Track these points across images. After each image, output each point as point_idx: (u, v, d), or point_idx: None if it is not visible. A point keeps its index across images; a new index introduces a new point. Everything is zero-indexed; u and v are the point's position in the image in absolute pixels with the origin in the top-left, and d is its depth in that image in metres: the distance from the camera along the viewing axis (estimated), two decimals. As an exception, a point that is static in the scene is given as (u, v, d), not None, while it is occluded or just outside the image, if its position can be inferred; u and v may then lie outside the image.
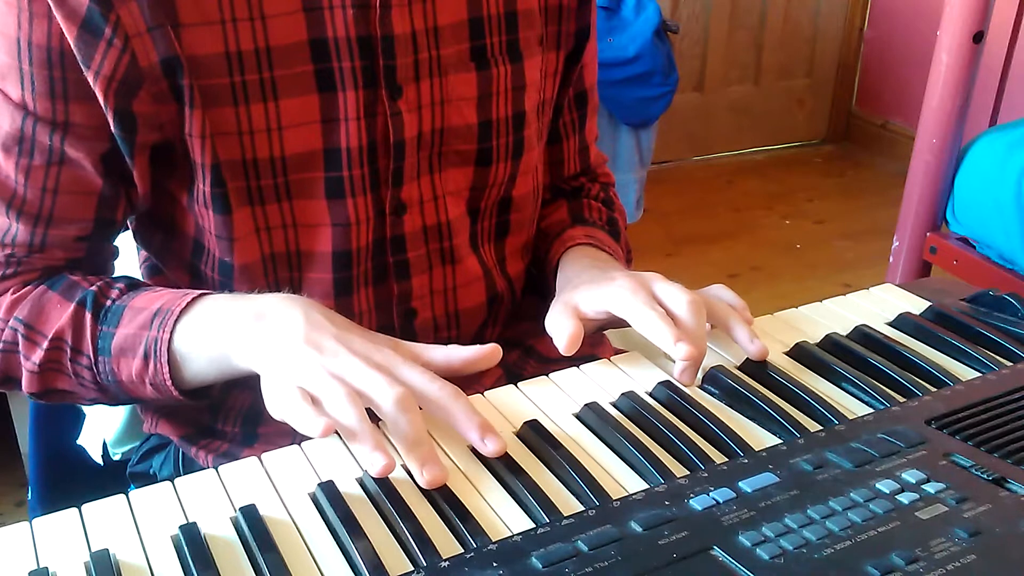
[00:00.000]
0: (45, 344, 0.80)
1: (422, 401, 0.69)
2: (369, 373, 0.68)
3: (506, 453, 0.67)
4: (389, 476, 0.65)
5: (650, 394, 0.76)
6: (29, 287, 0.81)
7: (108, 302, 0.80)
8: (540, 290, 1.09)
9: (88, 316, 0.79)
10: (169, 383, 0.77)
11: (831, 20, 3.65)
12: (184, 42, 0.76)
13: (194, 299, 0.77)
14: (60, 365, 0.80)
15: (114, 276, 0.84)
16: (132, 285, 0.82)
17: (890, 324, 0.86)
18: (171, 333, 0.76)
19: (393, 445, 0.68)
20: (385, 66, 0.81)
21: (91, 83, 0.75)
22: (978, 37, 1.78)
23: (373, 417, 0.67)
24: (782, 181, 3.48)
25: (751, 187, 3.44)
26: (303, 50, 0.79)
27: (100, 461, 1.06)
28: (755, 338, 0.79)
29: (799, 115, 3.76)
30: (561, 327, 0.80)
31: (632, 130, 2.60)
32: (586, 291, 0.83)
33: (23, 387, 0.83)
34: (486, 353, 0.74)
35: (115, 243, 0.88)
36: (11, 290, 0.81)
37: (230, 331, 0.74)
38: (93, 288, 0.80)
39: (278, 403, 0.68)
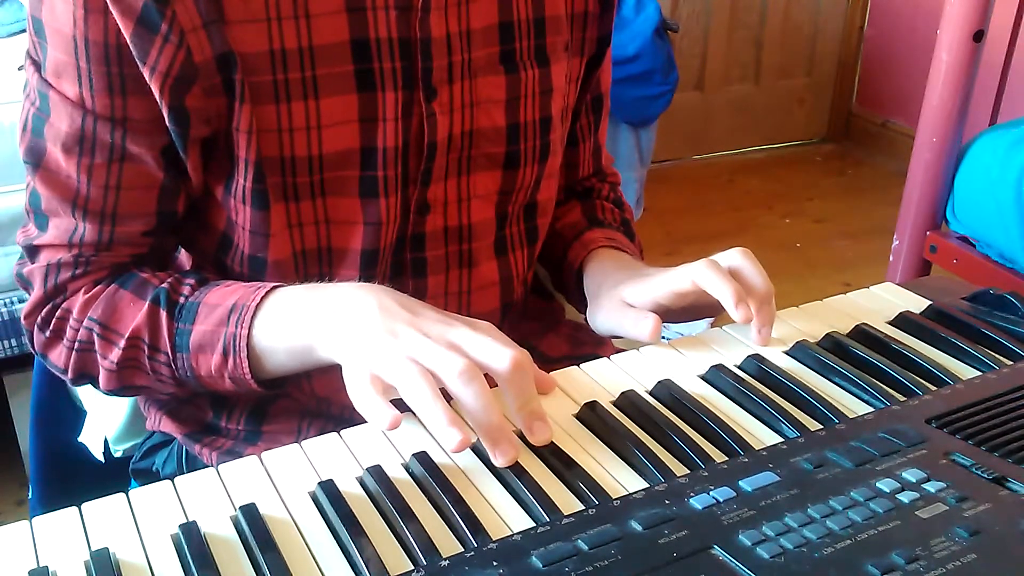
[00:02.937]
0: (122, 343, 0.81)
1: (490, 372, 0.69)
2: (437, 349, 0.68)
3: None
4: (389, 475, 0.65)
5: (650, 393, 0.76)
6: (100, 286, 0.83)
7: (181, 299, 0.81)
8: (542, 289, 1.09)
9: (163, 314, 0.80)
10: (248, 377, 0.78)
11: (831, 19, 3.65)
12: (233, 38, 0.76)
13: (268, 292, 0.78)
14: (138, 363, 0.82)
15: (183, 272, 0.85)
16: (202, 280, 0.83)
17: (890, 323, 0.86)
18: (249, 328, 0.77)
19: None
20: (423, 68, 0.82)
21: (147, 78, 0.75)
22: (978, 36, 1.78)
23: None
24: (782, 180, 3.48)
25: (751, 186, 3.43)
26: (345, 50, 0.79)
27: (102, 459, 1.06)
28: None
29: (799, 114, 3.76)
30: (637, 319, 0.83)
31: (632, 129, 2.60)
32: (632, 287, 0.86)
33: (100, 384, 0.84)
34: (546, 383, 0.76)
35: (175, 237, 0.89)
36: (83, 290, 0.83)
37: (311, 324, 0.75)
38: (164, 285, 0.82)
39: (354, 393, 0.69)
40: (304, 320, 0.76)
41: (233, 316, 0.78)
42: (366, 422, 0.69)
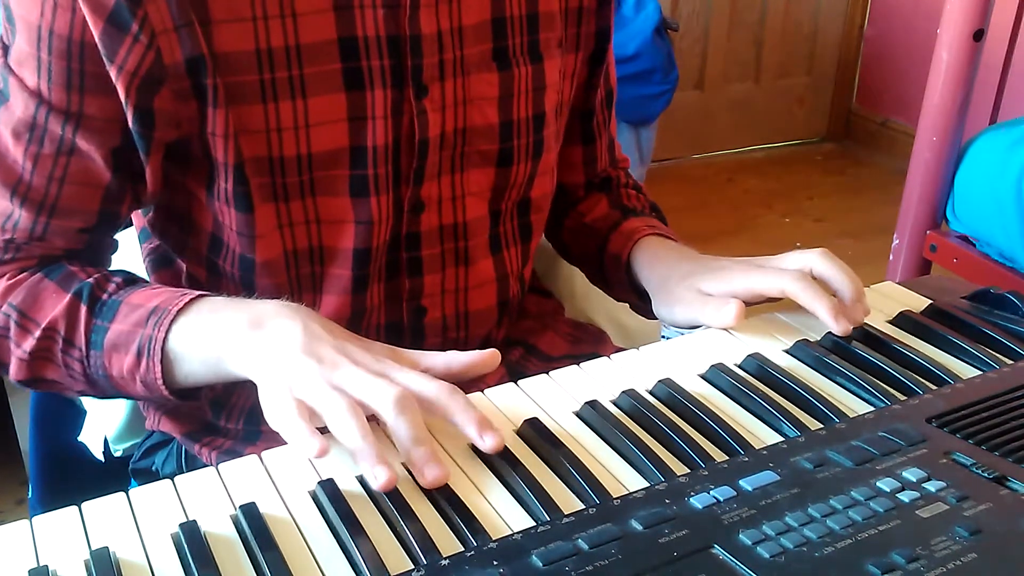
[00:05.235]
0: (37, 333, 0.79)
1: (420, 402, 0.68)
2: (368, 379, 0.67)
3: (507, 451, 0.67)
4: (389, 474, 0.65)
5: (651, 392, 0.76)
6: (25, 274, 0.81)
7: (104, 295, 0.79)
8: (541, 287, 1.09)
9: (83, 308, 0.78)
10: (160, 382, 0.76)
11: (831, 18, 3.65)
12: (215, 39, 0.76)
13: (192, 300, 0.77)
14: (51, 355, 0.80)
15: (112, 269, 0.84)
16: (130, 280, 0.81)
17: (890, 322, 0.86)
18: (167, 332, 0.75)
19: (396, 450, 0.68)
20: (413, 65, 0.81)
21: (113, 78, 0.75)
22: (978, 35, 1.77)
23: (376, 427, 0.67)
24: (782, 179, 3.48)
25: (751, 185, 3.43)
26: (332, 48, 0.79)
27: (101, 458, 1.06)
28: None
29: (799, 113, 3.76)
30: (718, 306, 0.83)
31: (632, 128, 2.60)
32: (711, 280, 0.86)
33: (11, 373, 0.82)
34: (485, 358, 0.74)
35: (115, 237, 0.88)
36: (7, 276, 0.81)
37: (226, 336, 0.73)
38: (90, 280, 0.80)
39: (275, 414, 0.67)
40: (220, 332, 0.74)
41: (152, 318, 0.76)
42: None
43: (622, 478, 0.66)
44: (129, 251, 0.98)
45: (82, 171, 0.79)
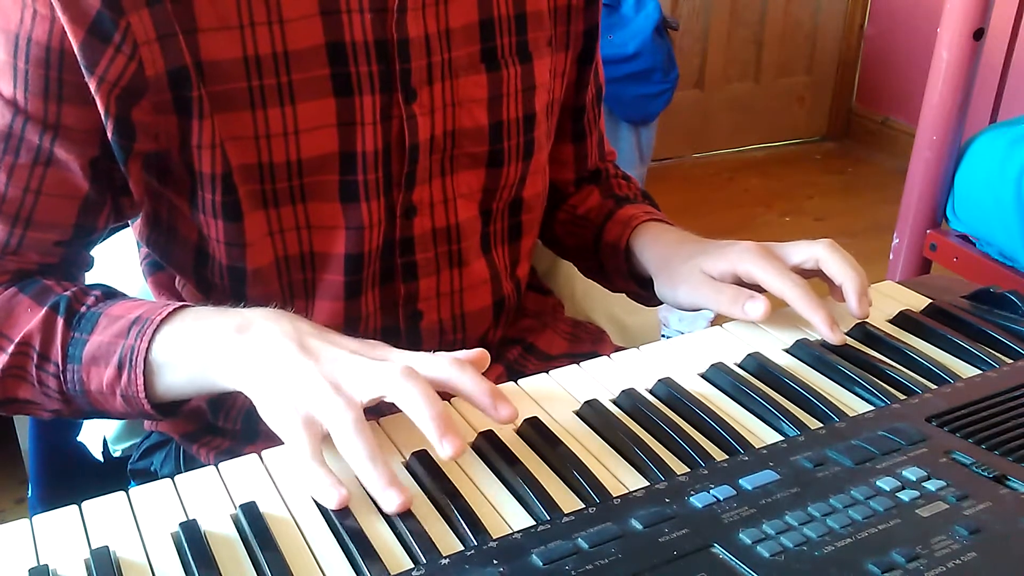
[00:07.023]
0: (10, 348, 0.76)
1: (429, 380, 0.66)
2: (368, 363, 0.66)
3: (507, 450, 0.67)
4: (389, 473, 0.65)
5: (650, 391, 0.76)
6: None
7: (83, 308, 0.77)
8: (540, 286, 1.09)
9: (60, 321, 0.76)
10: (142, 395, 0.73)
11: (831, 17, 3.65)
12: (201, 47, 0.75)
13: (176, 309, 0.75)
14: (24, 372, 0.77)
15: (90, 283, 0.81)
16: (109, 293, 0.79)
17: (890, 321, 0.86)
18: (150, 342, 0.73)
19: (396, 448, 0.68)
20: (401, 70, 0.81)
21: (92, 88, 0.74)
22: (978, 34, 1.77)
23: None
24: (782, 178, 3.48)
25: (751, 184, 3.43)
26: (320, 54, 0.78)
27: (100, 458, 1.06)
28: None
29: (799, 112, 3.76)
30: (737, 296, 0.83)
31: (632, 127, 2.60)
32: (712, 261, 0.86)
33: None
34: (474, 357, 0.72)
35: (91, 253, 0.86)
36: None
37: (212, 342, 0.72)
38: (67, 293, 0.77)
39: (283, 430, 0.66)
40: (206, 340, 0.72)
41: (135, 329, 0.74)
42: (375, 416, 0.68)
43: (622, 477, 0.66)
44: (127, 253, 0.98)
45: (59, 182, 0.77)
